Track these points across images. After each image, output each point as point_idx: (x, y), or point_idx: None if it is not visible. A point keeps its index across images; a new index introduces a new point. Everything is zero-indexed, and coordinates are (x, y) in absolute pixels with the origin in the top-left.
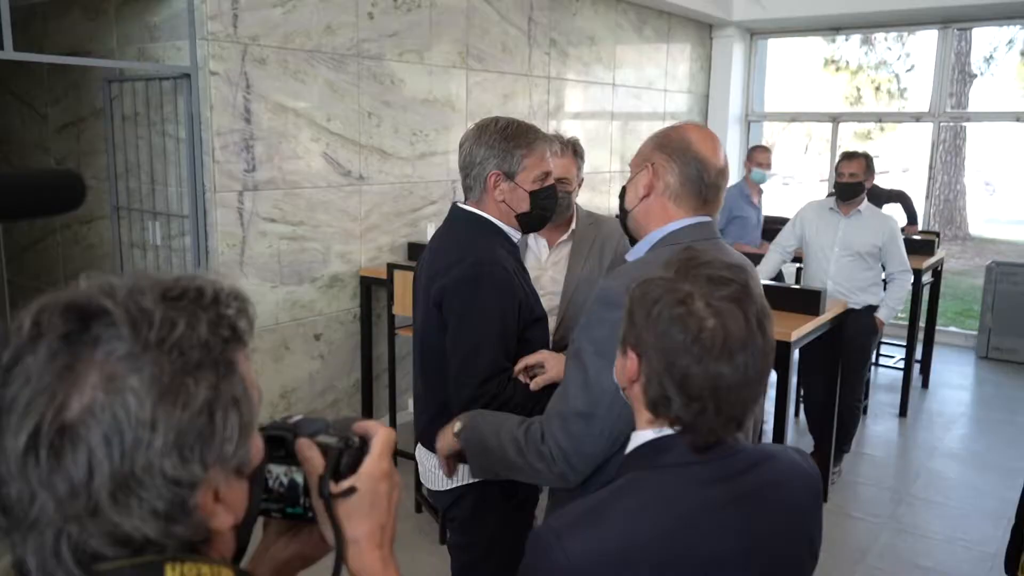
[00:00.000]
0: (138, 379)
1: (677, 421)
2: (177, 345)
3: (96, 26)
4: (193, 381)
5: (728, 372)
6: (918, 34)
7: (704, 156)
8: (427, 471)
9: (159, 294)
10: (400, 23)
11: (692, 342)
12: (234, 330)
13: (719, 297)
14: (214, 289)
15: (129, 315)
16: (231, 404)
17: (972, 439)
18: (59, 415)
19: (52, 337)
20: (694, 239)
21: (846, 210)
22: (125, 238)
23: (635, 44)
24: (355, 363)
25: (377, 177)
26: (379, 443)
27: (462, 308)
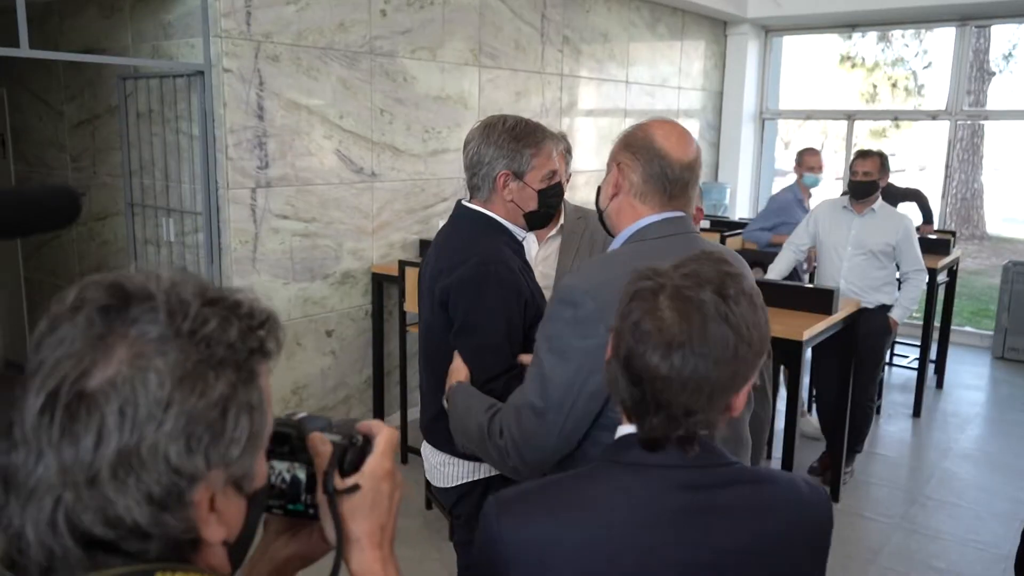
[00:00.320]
0: (163, 361)
1: (624, 407)
2: (206, 339)
3: (111, 24)
4: (214, 374)
5: (664, 368)
6: (936, 31)
7: (666, 152)
8: (432, 467)
9: (199, 292)
10: (413, 20)
11: (635, 329)
12: (262, 344)
13: (685, 296)
14: (251, 304)
15: (169, 303)
16: (245, 408)
17: (987, 440)
18: (81, 380)
19: (92, 308)
20: (663, 234)
21: (860, 209)
22: (139, 234)
23: (648, 41)
24: (367, 359)
25: (389, 174)
26: (382, 442)
27: (467, 307)
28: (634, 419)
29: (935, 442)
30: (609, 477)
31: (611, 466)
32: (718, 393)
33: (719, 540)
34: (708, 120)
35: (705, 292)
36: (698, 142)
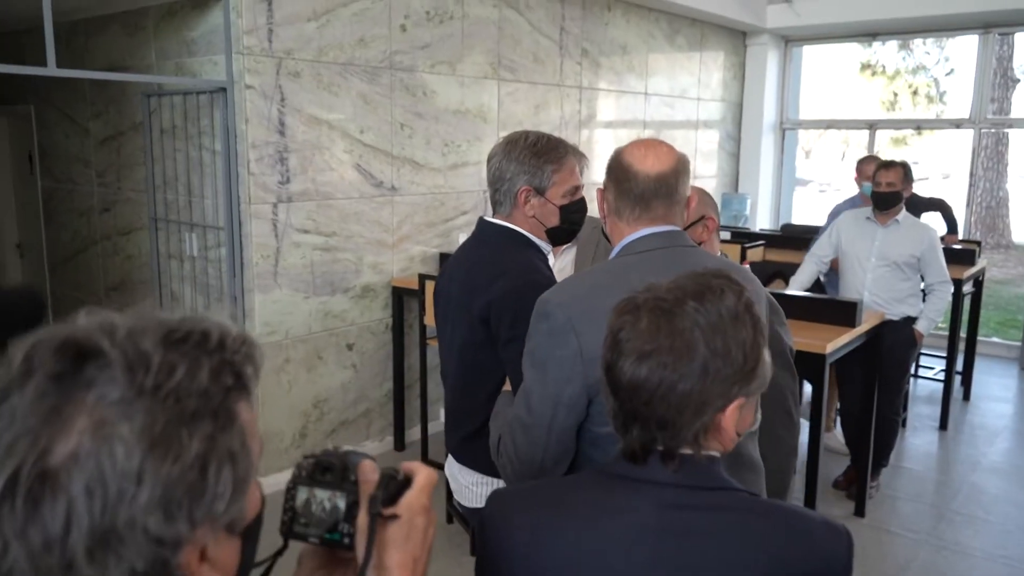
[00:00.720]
0: (128, 427)
1: (609, 417)
2: (174, 392)
3: (135, 42)
4: (187, 432)
5: (626, 374)
6: (958, 38)
7: (631, 166)
8: (461, 487)
9: (161, 336)
10: (432, 35)
11: (612, 335)
12: (238, 377)
13: (667, 311)
14: (220, 333)
15: (126, 357)
16: (226, 458)
17: (1016, 453)
18: (41, 460)
19: (42, 376)
20: (646, 249)
21: (883, 220)
22: (163, 249)
23: (668, 53)
24: (387, 373)
25: (409, 188)
26: (422, 479)
27: (513, 320)
28: (618, 431)
29: (963, 455)
30: (594, 484)
31: (600, 474)
32: (690, 408)
33: (689, 564)
34: (728, 131)
35: (681, 305)
36: (682, 154)
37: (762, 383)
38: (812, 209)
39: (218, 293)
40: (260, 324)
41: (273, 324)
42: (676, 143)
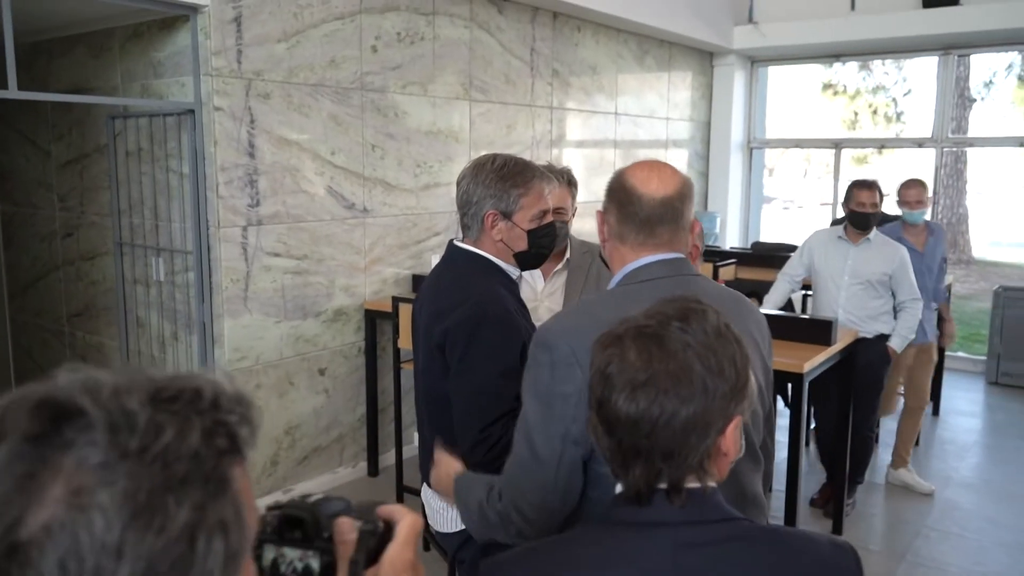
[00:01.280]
0: (109, 494)
1: (606, 459)
2: (161, 456)
3: (100, 63)
4: (174, 500)
5: (624, 410)
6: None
7: (635, 188)
8: (435, 512)
9: (149, 394)
10: (403, 56)
11: (599, 373)
12: (232, 440)
13: (655, 339)
14: (214, 391)
15: (109, 418)
16: (217, 529)
17: (986, 468)
18: (10, 533)
19: (17, 438)
20: (653, 277)
21: (856, 239)
22: (128, 274)
23: (636, 73)
24: (360, 397)
25: (381, 209)
26: (404, 530)
27: (464, 350)
28: (618, 473)
29: (935, 471)
30: (598, 538)
31: (601, 526)
32: (695, 432)
33: None
34: (697, 150)
35: (666, 327)
36: (686, 177)
37: (751, 401)
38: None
39: (186, 319)
40: (230, 350)
41: (243, 349)
42: None
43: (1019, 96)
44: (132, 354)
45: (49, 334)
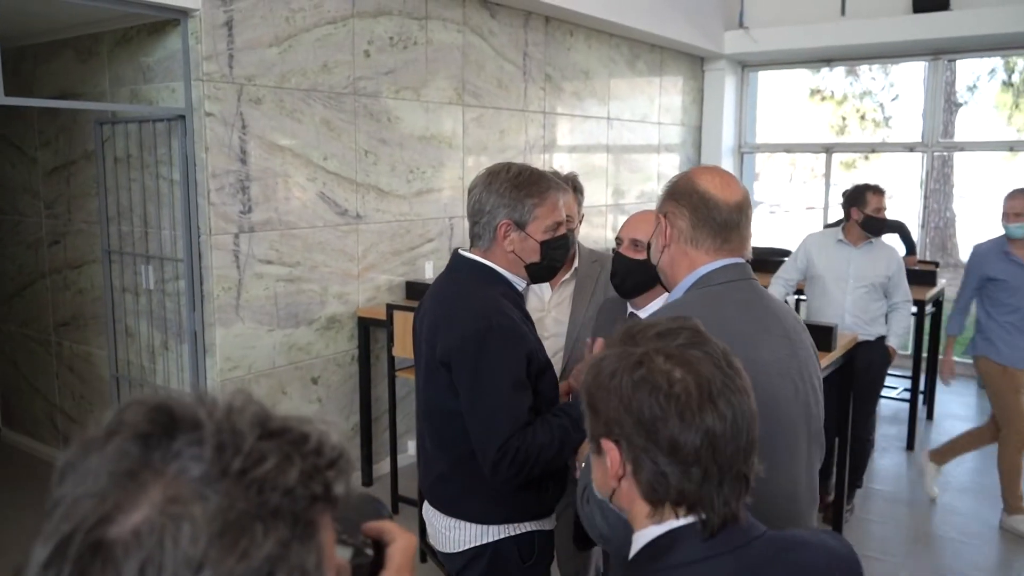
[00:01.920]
0: (202, 508)
1: (681, 499)
2: (259, 482)
3: (88, 68)
4: (263, 529)
5: (716, 422)
6: (902, 64)
7: (711, 194)
8: (437, 532)
9: (258, 422)
10: (396, 60)
11: (667, 400)
12: (327, 490)
13: (677, 347)
14: (319, 439)
15: (219, 435)
16: (297, 574)
17: (982, 472)
18: (100, 526)
19: (128, 435)
20: (728, 279)
21: (858, 241)
22: (117, 283)
23: (628, 78)
24: (353, 406)
25: (374, 216)
26: (397, 557)
27: (473, 368)
28: (694, 507)
29: None
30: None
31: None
32: (756, 429)
33: None
34: (688, 155)
35: (685, 335)
36: (744, 186)
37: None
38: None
39: (176, 328)
40: (222, 359)
41: (235, 359)
42: (638, 167)
43: (1001, 100)
44: (121, 364)
45: (35, 344)
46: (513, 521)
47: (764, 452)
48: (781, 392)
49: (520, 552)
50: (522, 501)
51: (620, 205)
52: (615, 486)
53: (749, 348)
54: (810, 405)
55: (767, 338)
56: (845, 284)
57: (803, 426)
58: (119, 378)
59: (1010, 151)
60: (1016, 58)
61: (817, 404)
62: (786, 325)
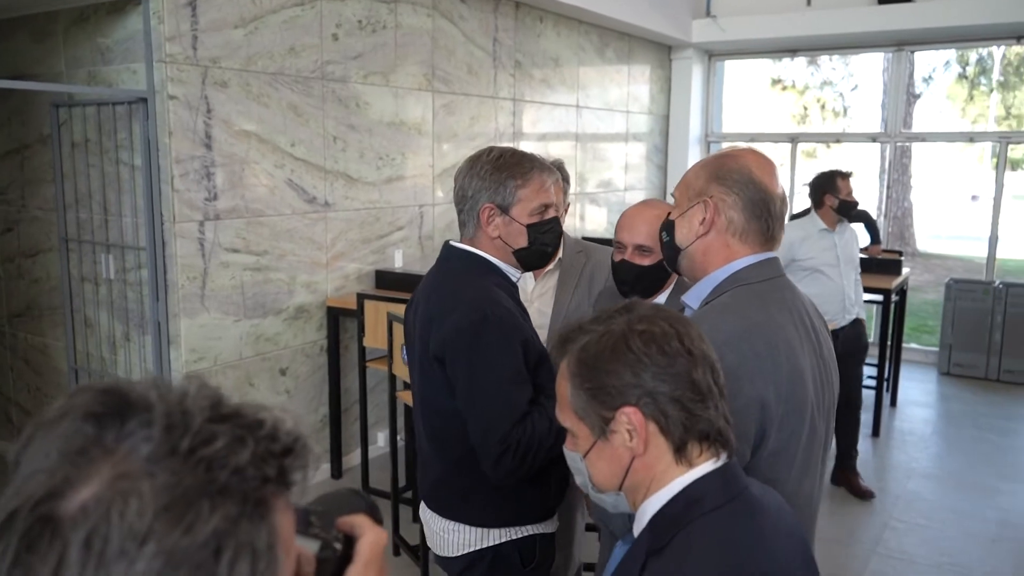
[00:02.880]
0: (150, 484)
1: (708, 429)
2: (207, 460)
3: (43, 48)
4: (210, 505)
5: (707, 353)
6: (862, 55)
7: (767, 185)
8: (434, 534)
9: (211, 405)
10: (365, 44)
11: (678, 342)
12: (282, 473)
13: (638, 316)
14: (275, 425)
15: (169, 415)
16: (246, 550)
17: (946, 458)
18: (49, 501)
19: (79, 416)
20: (766, 277)
21: (834, 226)
22: (75, 272)
23: (598, 65)
24: (322, 397)
25: (343, 203)
26: (365, 552)
27: (468, 361)
28: (716, 437)
29: (897, 462)
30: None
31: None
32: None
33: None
34: (656, 144)
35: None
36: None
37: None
38: None
39: (139, 318)
40: (187, 350)
41: (201, 350)
42: (606, 155)
43: (955, 92)
44: (80, 355)
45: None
46: (514, 524)
47: (797, 460)
48: (815, 399)
49: (521, 556)
50: (524, 503)
51: (586, 194)
52: (639, 455)
53: (798, 356)
54: (830, 410)
55: (806, 343)
56: (835, 269)
57: (823, 431)
58: (78, 370)
59: (970, 141)
60: (970, 51)
61: (834, 407)
62: (814, 323)
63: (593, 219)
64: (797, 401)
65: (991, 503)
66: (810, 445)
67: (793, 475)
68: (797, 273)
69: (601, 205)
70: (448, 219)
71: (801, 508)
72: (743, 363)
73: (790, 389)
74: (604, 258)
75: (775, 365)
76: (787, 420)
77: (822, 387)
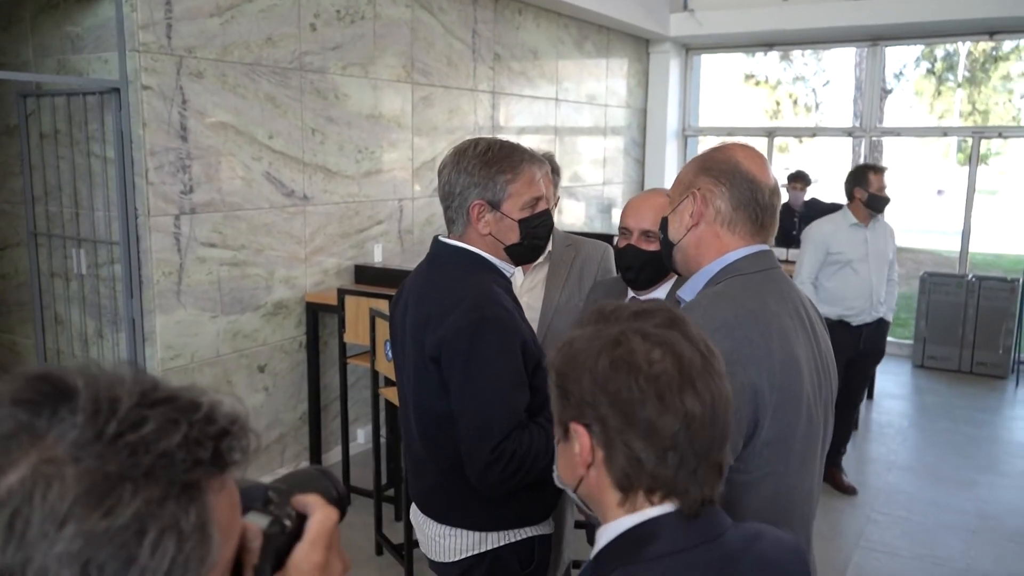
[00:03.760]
0: (74, 470)
1: (655, 486)
2: (132, 444)
3: (8, 36)
4: (131, 489)
5: (695, 405)
6: (833, 50)
7: (754, 175)
8: (429, 539)
9: (144, 391)
10: (343, 35)
11: (647, 381)
12: (217, 456)
13: (654, 326)
14: (212, 407)
15: (95, 401)
16: (171, 530)
17: (923, 451)
18: None
19: (9, 401)
20: (757, 269)
21: (867, 221)
22: (44, 267)
23: (576, 59)
24: (302, 394)
25: (322, 197)
26: (313, 529)
27: (466, 362)
28: (668, 495)
29: (876, 455)
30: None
31: (636, 569)
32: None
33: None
34: (633, 137)
35: (660, 316)
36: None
37: None
38: None
39: (112, 315)
40: (162, 347)
41: (177, 347)
42: (584, 148)
43: (923, 87)
44: (50, 353)
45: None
46: (512, 527)
47: (795, 452)
48: (811, 390)
49: (520, 559)
50: (522, 505)
51: (564, 188)
52: (583, 474)
53: (793, 344)
54: (828, 403)
55: (802, 334)
56: (866, 265)
57: (821, 424)
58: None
59: (944, 135)
60: (937, 46)
61: (833, 401)
62: (811, 317)
63: (571, 213)
64: (791, 391)
65: (969, 495)
66: (808, 437)
67: (792, 467)
68: (829, 268)
69: (579, 199)
70: (428, 213)
71: (802, 503)
72: (737, 349)
73: (784, 378)
74: (594, 252)
75: (768, 352)
76: (781, 409)
77: (819, 379)
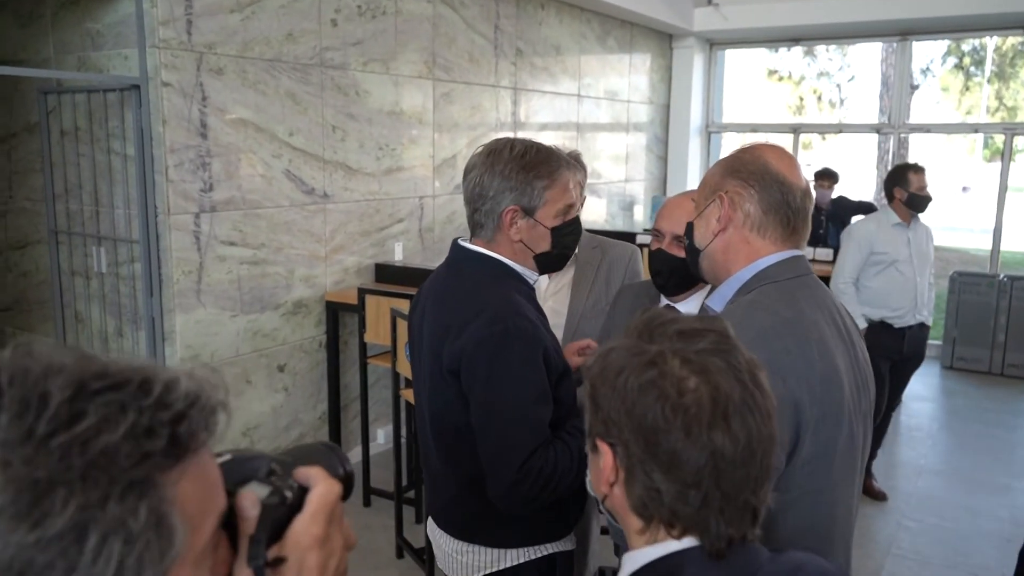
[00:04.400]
0: (2, 478)
1: (674, 520)
2: (67, 445)
3: (29, 33)
4: (63, 495)
5: (726, 442)
6: (858, 46)
7: (784, 177)
8: (446, 556)
9: (81, 380)
10: (364, 31)
11: (673, 410)
12: (174, 443)
13: (697, 351)
14: (168, 387)
15: (23, 398)
16: (118, 535)
17: (955, 455)
18: None
19: None
20: (790, 275)
21: (909, 220)
22: (65, 265)
23: (599, 54)
24: (321, 394)
25: (342, 195)
26: (313, 502)
27: (487, 377)
28: (688, 530)
29: (906, 459)
30: None
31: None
32: (772, 456)
33: None
34: (656, 133)
35: (708, 339)
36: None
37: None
38: None
39: (132, 313)
40: (182, 347)
41: (197, 346)
42: (606, 145)
43: (951, 83)
44: None
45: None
46: (532, 543)
47: (836, 468)
48: (851, 402)
49: None
50: (543, 520)
51: (592, 184)
52: (607, 492)
53: (833, 354)
54: (867, 415)
55: (840, 343)
56: (910, 266)
57: (861, 438)
58: None
59: (975, 132)
60: (964, 41)
61: (871, 413)
62: (847, 325)
63: (593, 210)
64: (833, 403)
65: (1003, 501)
66: (849, 452)
67: (833, 484)
68: (872, 268)
69: (601, 196)
70: (448, 211)
71: (843, 521)
72: (773, 360)
73: (824, 390)
74: (621, 254)
75: (808, 364)
76: (823, 424)
77: (858, 391)
